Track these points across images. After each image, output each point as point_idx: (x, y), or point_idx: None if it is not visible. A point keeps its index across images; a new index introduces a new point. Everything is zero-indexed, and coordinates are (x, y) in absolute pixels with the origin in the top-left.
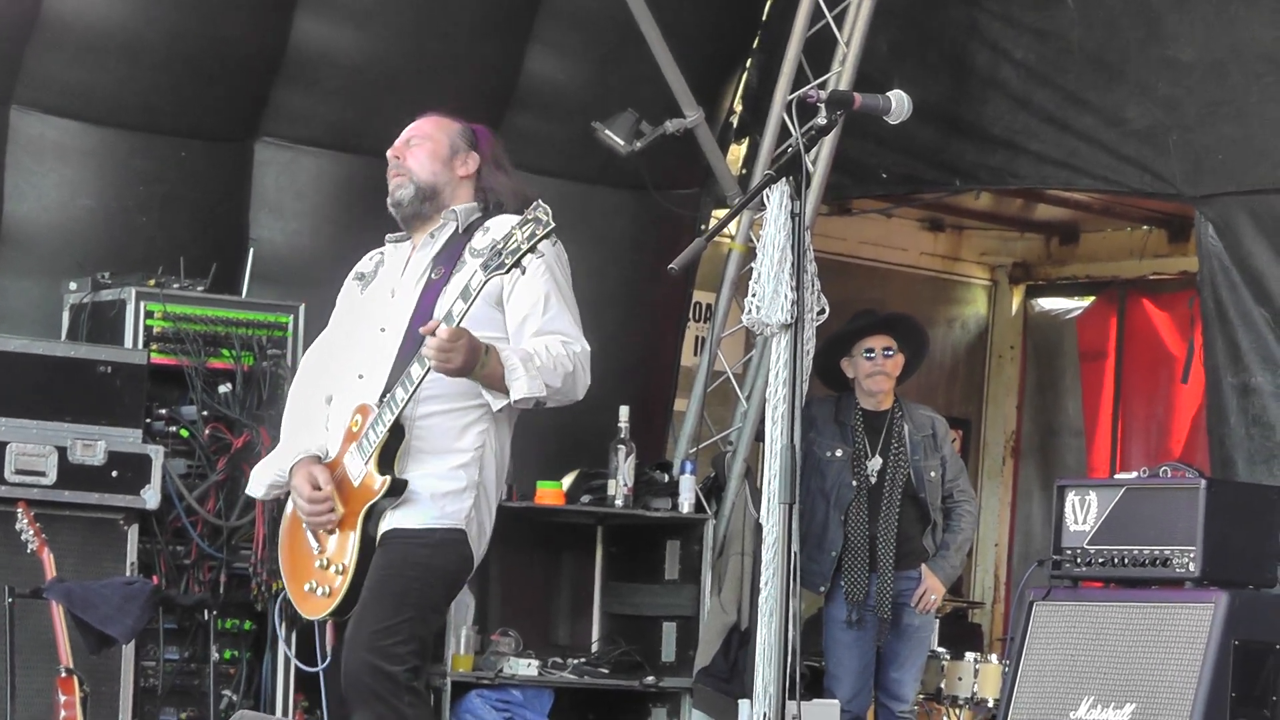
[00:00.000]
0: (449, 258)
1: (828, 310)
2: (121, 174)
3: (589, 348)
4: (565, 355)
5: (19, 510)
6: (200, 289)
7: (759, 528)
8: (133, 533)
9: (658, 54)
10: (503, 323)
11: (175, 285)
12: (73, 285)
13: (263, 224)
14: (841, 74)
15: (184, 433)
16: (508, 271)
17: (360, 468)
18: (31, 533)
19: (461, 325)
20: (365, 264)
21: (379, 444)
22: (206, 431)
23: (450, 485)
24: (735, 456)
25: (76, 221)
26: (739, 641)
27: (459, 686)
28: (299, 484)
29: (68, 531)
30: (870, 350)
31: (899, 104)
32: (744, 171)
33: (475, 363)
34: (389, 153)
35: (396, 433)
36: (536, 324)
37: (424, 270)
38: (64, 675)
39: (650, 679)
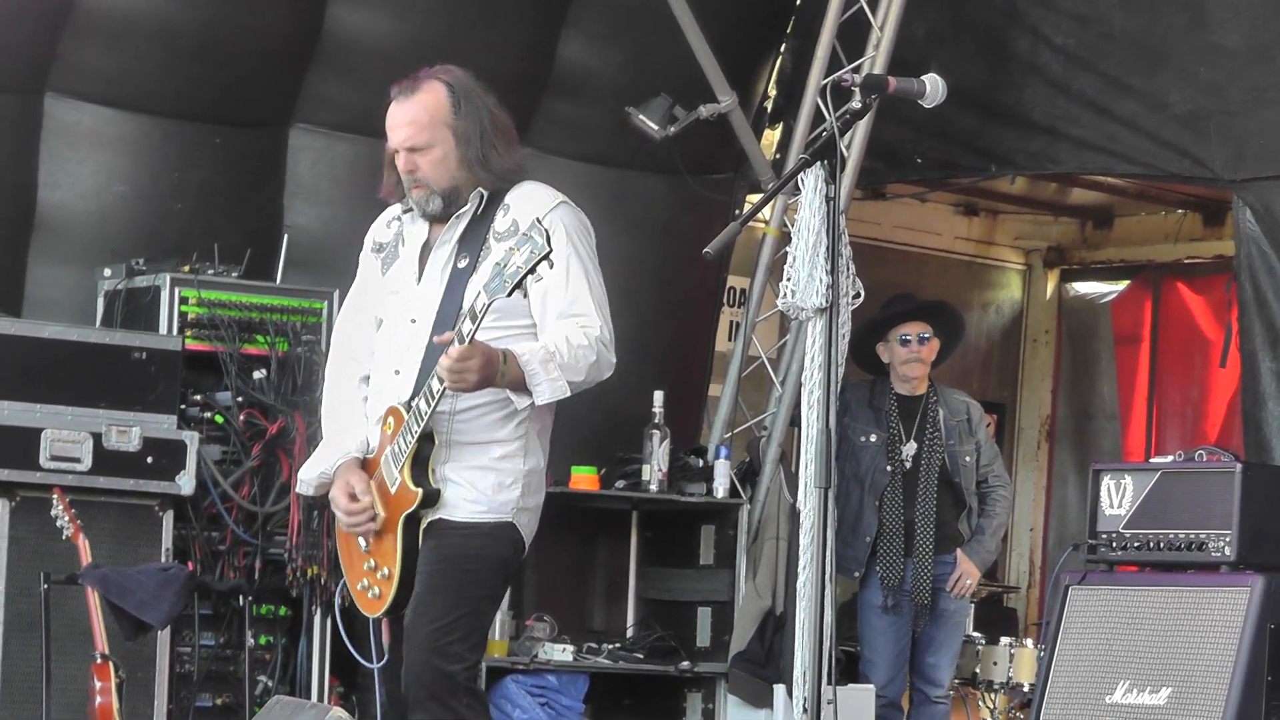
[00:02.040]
0: (473, 242)
1: (863, 294)
2: (156, 160)
3: (611, 328)
4: (587, 345)
5: (54, 496)
6: (234, 275)
7: (794, 512)
8: (168, 519)
9: (691, 39)
10: (526, 307)
11: (210, 271)
12: (107, 272)
13: (297, 210)
14: (875, 58)
15: (219, 419)
16: (509, 295)
17: (394, 476)
18: (67, 519)
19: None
20: (382, 231)
21: (409, 454)
22: (241, 417)
23: (495, 477)
24: (770, 441)
25: (111, 208)
26: (774, 626)
27: (494, 672)
28: (337, 495)
29: (103, 518)
30: (906, 336)
31: (934, 88)
32: (778, 156)
33: (494, 373)
34: (402, 168)
35: (426, 440)
36: (559, 304)
37: (449, 256)
38: (99, 661)
39: (685, 664)
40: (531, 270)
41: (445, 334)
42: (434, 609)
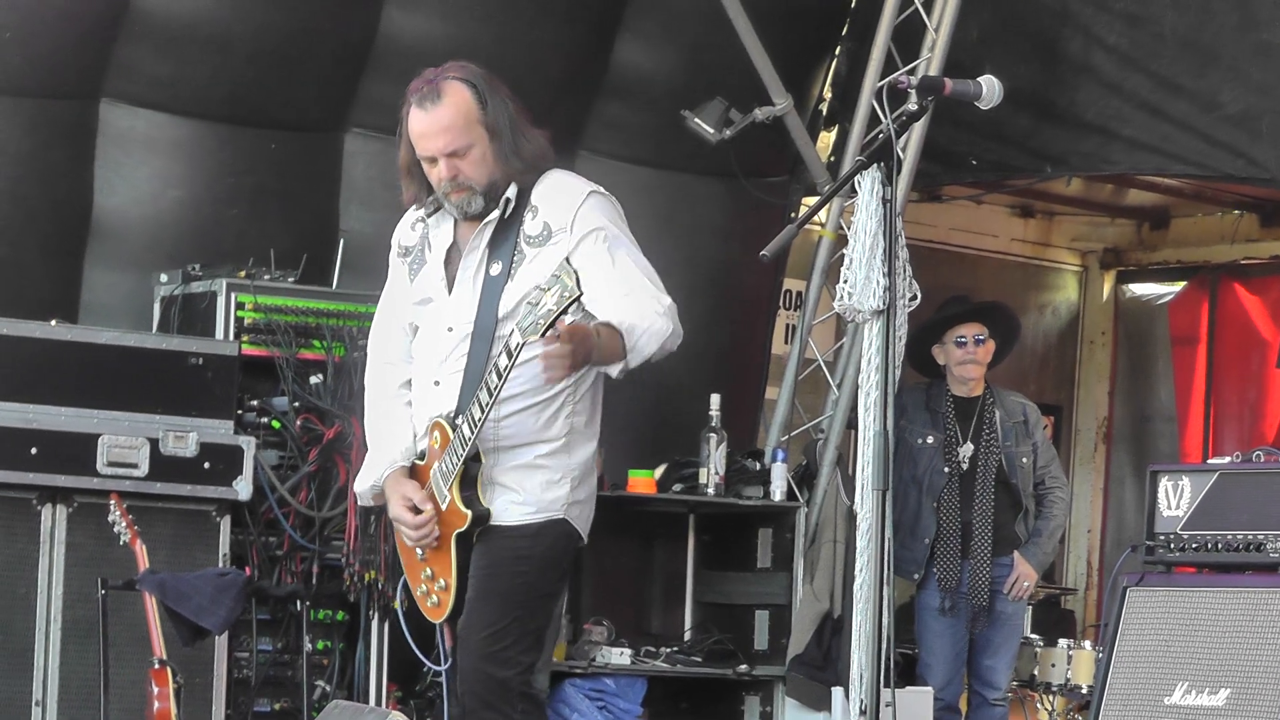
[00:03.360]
0: (503, 247)
1: (920, 296)
2: (211, 166)
3: (672, 300)
4: (663, 313)
5: (111, 502)
6: (291, 280)
7: (851, 515)
8: (225, 524)
9: (746, 41)
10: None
11: (266, 277)
12: (163, 277)
13: (353, 215)
14: (931, 60)
15: (275, 424)
16: (542, 335)
17: (444, 493)
18: (124, 525)
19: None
20: (407, 234)
21: (457, 474)
22: (298, 423)
23: (544, 476)
24: (827, 444)
25: (166, 214)
26: (832, 629)
27: (552, 676)
28: (397, 511)
29: (160, 523)
30: (962, 338)
31: (990, 89)
32: (832, 159)
33: (591, 348)
34: (444, 173)
35: (473, 461)
36: (617, 290)
37: (480, 263)
38: (157, 667)
39: (743, 667)
40: (564, 312)
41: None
42: (485, 616)
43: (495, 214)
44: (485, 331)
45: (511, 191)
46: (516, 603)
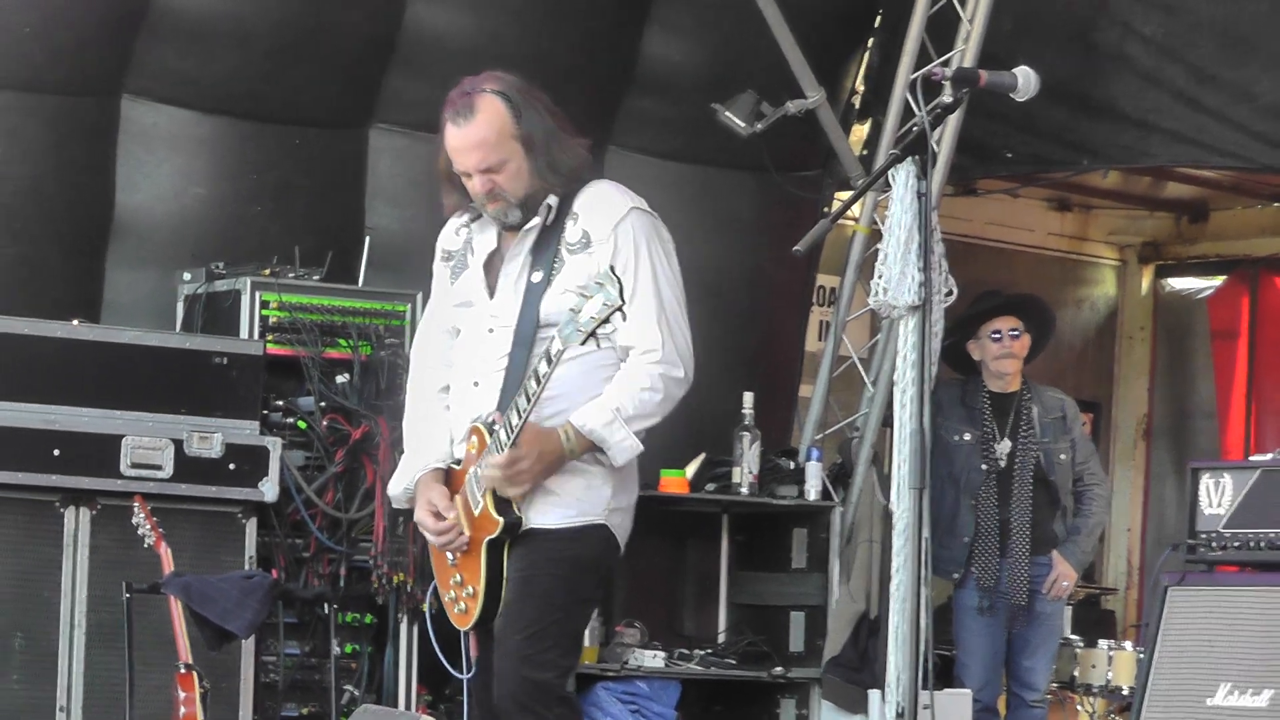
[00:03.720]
0: (545, 255)
1: (956, 292)
2: (234, 163)
3: (686, 337)
4: (649, 386)
5: (135, 504)
6: (316, 278)
7: (887, 514)
8: (251, 526)
9: (778, 33)
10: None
11: (290, 275)
12: (187, 276)
13: (378, 211)
14: (965, 52)
15: (301, 424)
16: (583, 343)
17: (478, 499)
18: (148, 527)
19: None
20: (451, 239)
21: (501, 490)
22: (324, 423)
23: (584, 479)
24: (862, 442)
25: (189, 211)
26: (868, 630)
27: (584, 679)
28: (421, 516)
29: (185, 525)
30: (997, 332)
31: (1025, 81)
32: (864, 152)
33: (557, 453)
34: (479, 188)
35: None
36: (626, 329)
37: (521, 269)
38: (183, 671)
39: (778, 670)
40: (605, 321)
41: (498, 415)
42: (524, 617)
43: (538, 221)
44: (525, 337)
45: (553, 199)
46: (555, 605)
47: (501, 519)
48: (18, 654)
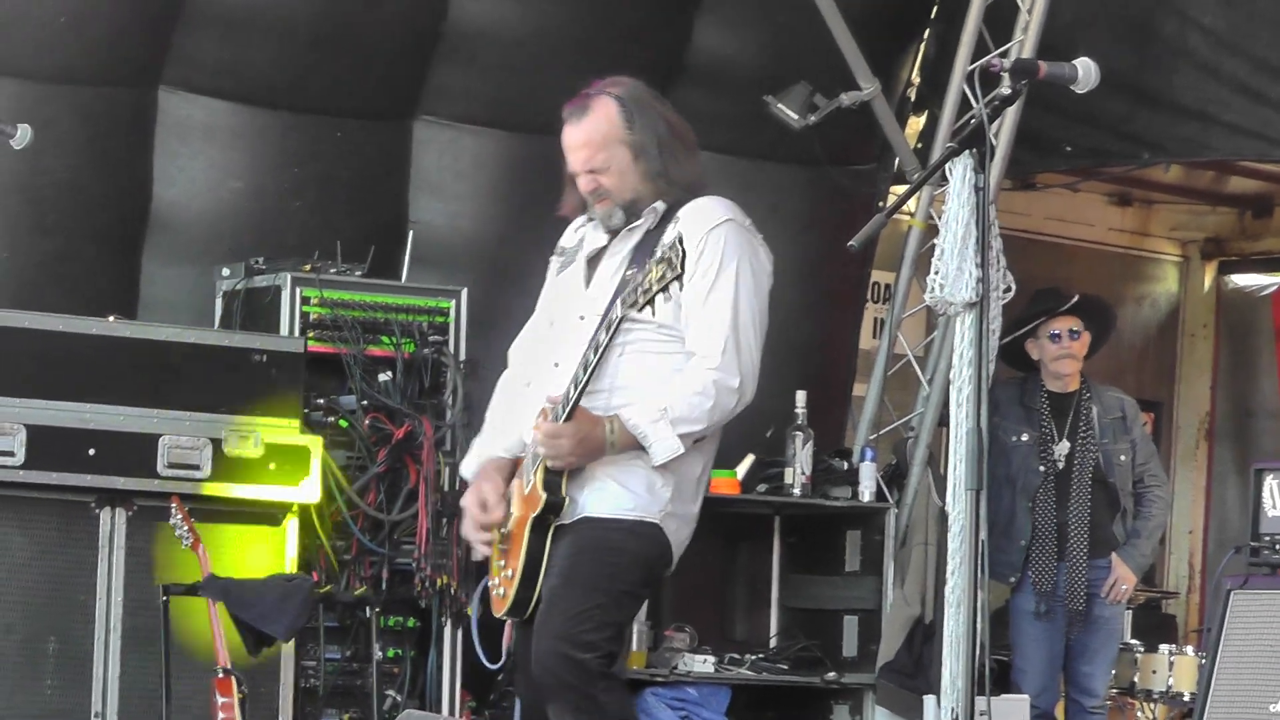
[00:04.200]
0: (643, 255)
1: (1014, 288)
2: (274, 155)
3: (752, 357)
4: (701, 391)
5: (173, 505)
6: (358, 274)
7: (943, 516)
8: (291, 527)
9: (832, 24)
10: (674, 310)
11: (332, 270)
12: (225, 271)
13: (422, 205)
14: (1024, 42)
15: (343, 423)
16: (640, 310)
17: (530, 477)
18: (186, 528)
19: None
20: (569, 237)
21: (543, 457)
22: (366, 422)
23: (647, 477)
24: (918, 442)
25: (227, 205)
26: (923, 635)
27: (632, 684)
28: (468, 502)
29: (224, 526)
30: (1056, 332)
31: (1086, 72)
32: (920, 146)
33: (600, 442)
34: (585, 189)
35: None
36: (694, 332)
37: (619, 265)
38: (221, 676)
39: (831, 675)
40: (664, 289)
41: (554, 395)
42: (567, 599)
43: (641, 223)
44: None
45: (660, 205)
46: (601, 590)
47: (545, 495)
48: (51, 658)
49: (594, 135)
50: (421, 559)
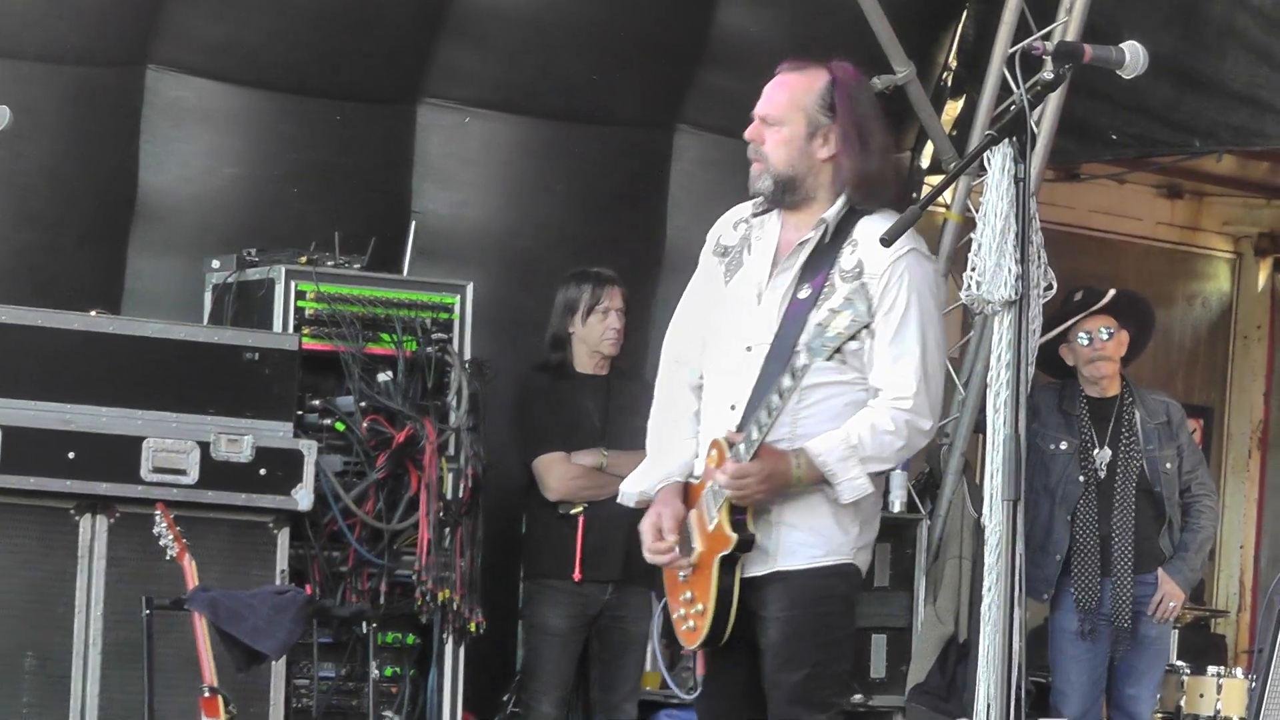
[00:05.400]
0: (815, 273)
1: (1055, 286)
2: (269, 140)
3: (936, 393)
4: (893, 430)
5: (157, 513)
6: (357, 267)
7: (979, 528)
8: (283, 537)
9: (864, 3)
10: (861, 349)
11: (329, 263)
12: (216, 263)
13: (426, 194)
14: (1068, 24)
15: (340, 426)
16: (828, 359)
17: (713, 515)
18: (171, 537)
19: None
20: (728, 232)
21: (729, 498)
22: (365, 424)
23: (833, 517)
24: (952, 450)
25: (219, 193)
26: (957, 655)
27: (646, 705)
28: (645, 527)
29: (211, 536)
30: (1086, 334)
31: (1134, 56)
32: (956, 133)
33: (786, 478)
34: (746, 133)
35: None
36: (881, 369)
37: (791, 284)
38: (208, 695)
39: (858, 698)
40: (852, 338)
41: (734, 434)
42: (799, 658)
43: (814, 235)
44: (781, 354)
45: (829, 215)
46: (826, 643)
47: (736, 535)
48: (27, 675)
49: (784, 91)
50: (422, 571)
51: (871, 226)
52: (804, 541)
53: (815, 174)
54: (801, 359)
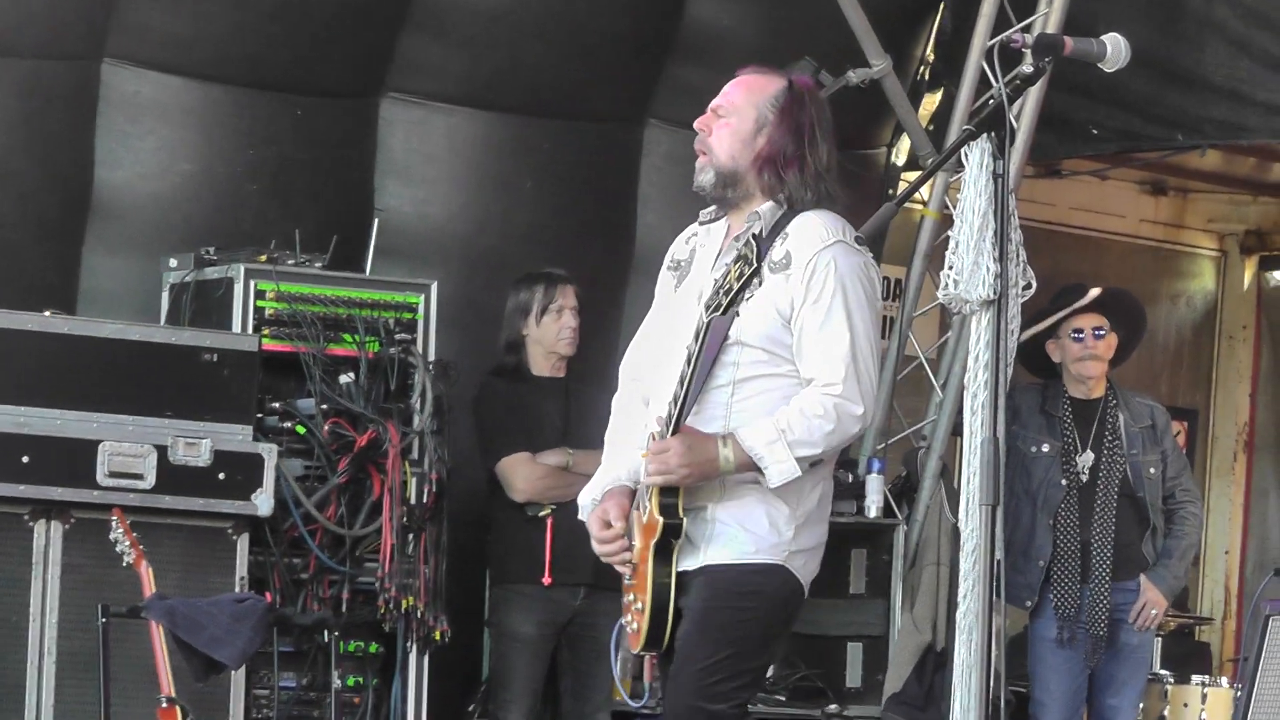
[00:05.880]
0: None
1: (1034, 285)
2: (228, 136)
3: (870, 379)
4: (822, 414)
5: (113, 518)
6: (318, 265)
7: (956, 534)
8: (243, 543)
9: None
10: (789, 342)
11: (290, 261)
12: (173, 262)
13: (389, 191)
14: (1048, 16)
15: (300, 429)
16: (723, 314)
17: (645, 504)
18: (128, 544)
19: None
20: (680, 247)
21: (654, 479)
22: (326, 427)
23: (768, 519)
24: (929, 453)
25: (177, 190)
26: (934, 664)
27: (619, 717)
28: (591, 521)
29: (169, 542)
30: (1078, 331)
31: (1115, 49)
32: (933, 128)
33: (713, 459)
34: (696, 122)
35: None
36: (810, 358)
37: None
38: (165, 705)
39: (833, 707)
40: (743, 288)
41: (659, 416)
42: (701, 649)
43: (748, 228)
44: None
45: (764, 208)
46: (732, 639)
47: (661, 519)
48: None
49: (740, 87)
50: (386, 578)
51: (804, 220)
52: (735, 538)
53: (756, 170)
54: (703, 318)
